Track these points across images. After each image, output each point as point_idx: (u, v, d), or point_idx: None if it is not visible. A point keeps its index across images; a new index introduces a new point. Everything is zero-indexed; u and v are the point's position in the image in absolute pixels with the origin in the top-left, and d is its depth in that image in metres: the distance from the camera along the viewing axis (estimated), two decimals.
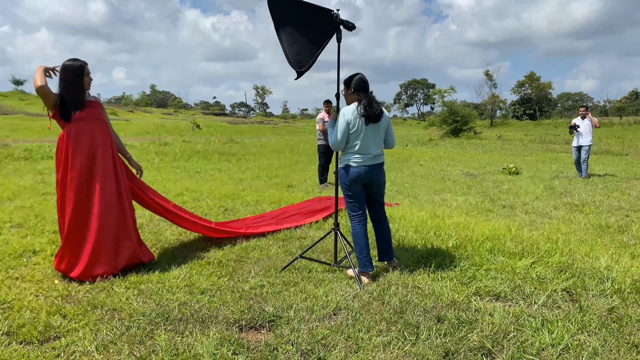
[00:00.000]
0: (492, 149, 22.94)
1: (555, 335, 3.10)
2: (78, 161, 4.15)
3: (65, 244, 4.16)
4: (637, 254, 4.98)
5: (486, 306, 3.57)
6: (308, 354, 2.88)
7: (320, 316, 3.40)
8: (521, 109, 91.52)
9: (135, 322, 3.27)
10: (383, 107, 4.23)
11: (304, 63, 4.01)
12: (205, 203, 7.52)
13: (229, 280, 4.12)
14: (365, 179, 4.19)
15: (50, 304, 3.57)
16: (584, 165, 12.01)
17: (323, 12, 4.06)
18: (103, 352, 2.88)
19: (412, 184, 10.42)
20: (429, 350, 2.88)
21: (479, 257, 4.60)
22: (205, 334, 3.10)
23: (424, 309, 3.48)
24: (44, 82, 4.02)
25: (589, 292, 3.84)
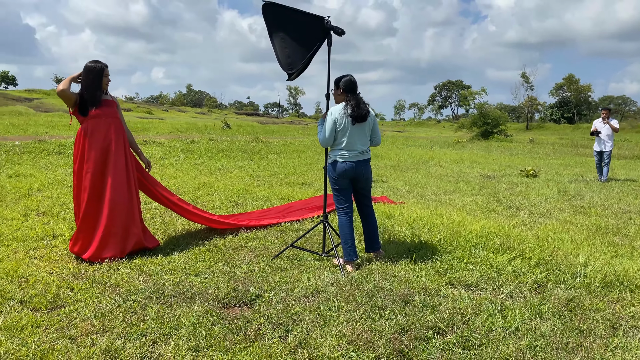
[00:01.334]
0: (519, 152, 22.78)
1: (508, 319, 3.35)
2: (93, 154, 4.59)
3: (80, 228, 4.61)
4: (620, 253, 5.14)
5: (454, 293, 3.84)
6: (278, 326, 3.21)
7: (298, 297, 3.73)
8: (559, 112, 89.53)
9: (132, 296, 3.67)
10: (370, 108, 4.53)
11: (295, 66, 4.35)
12: (218, 197, 7.94)
13: (224, 265, 4.49)
14: (352, 174, 4.50)
15: (61, 280, 4.01)
16: (605, 169, 11.96)
17: (315, 19, 4.39)
18: (100, 318, 3.28)
19: (424, 184, 10.62)
20: (386, 327, 3.18)
21: (462, 252, 4.85)
22: (191, 307, 3.47)
23: (394, 294, 3.77)
24: (65, 86, 4.50)
25: (558, 284, 4.06)
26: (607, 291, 3.96)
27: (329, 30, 4.40)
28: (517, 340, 3.06)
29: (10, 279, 3.98)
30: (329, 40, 4.45)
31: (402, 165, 14.77)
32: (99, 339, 2.97)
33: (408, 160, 16.74)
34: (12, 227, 5.66)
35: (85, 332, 3.07)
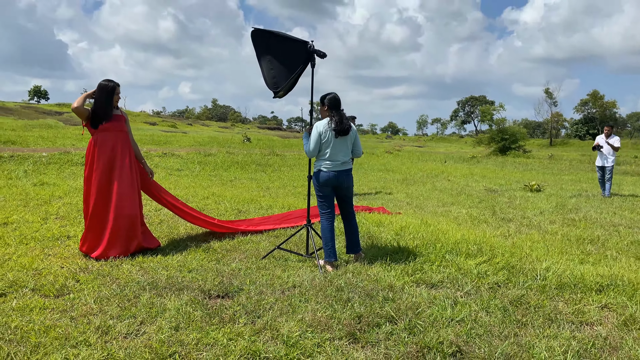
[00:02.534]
0: (533, 168, 22.90)
1: (456, 311, 3.75)
2: (101, 163, 5.15)
3: (88, 229, 5.15)
4: (588, 260, 5.46)
5: (416, 290, 4.24)
6: (250, 313, 3.67)
7: (275, 290, 4.18)
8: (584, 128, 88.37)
9: (129, 286, 4.18)
10: (351, 123, 5.00)
11: (280, 85, 4.85)
12: (223, 205, 8.46)
13: (216, 264, 4.98)
14: (334, 182, 4.96)
15: (69, 273, 4.54)
16: (608, 184, 12.15)
17: (299, 43, 4.89)
18: (98, 303, 3.78)
19: (426, 197, 11.00)
20: (345, 315, 3.61)
21: (435, 256, 5.24)
22: (179, 297, 3.95)
23: (361, 289, 4.19)
24: (79, 104, 5.08)
25: (516, 285, 4.43)
26: (559, 291, 4.31)
27: (312, 53, 4.90)
28: (458, 329, 3.46)
29: (25, 271, 4.53)
30: (312, 62, 4.95)
31: (409, 179, 15.15)
32: (95, 319, 3.47)
33: (418, 174, 17.09)
34: (32, 228, 6.25)
35: (84, 314, 3.57)
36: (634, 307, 3.94)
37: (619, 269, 5.00)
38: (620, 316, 3.80)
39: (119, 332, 3.29)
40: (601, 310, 3.97)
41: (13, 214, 7.06)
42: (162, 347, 3.06)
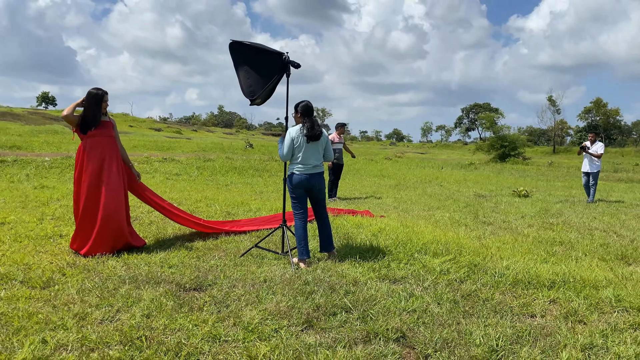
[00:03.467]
0: (529, 175, 23.14)
1: (409, 302, 4.05)
2: (90, 167, 5.49)
3: (78, 228, 5.49)
4: (550, 260, 5.74)
5: (377, 285, 4.55)
6: (219, 303, 3.99)
7: (246, 284, 4.50)
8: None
9: (110, 280, 4.50)
10: (323, 129, 5.33)
11: (256, 93, 5.19)
12: (214, 208, 8.80)
13: (196, 261, 5.30)
14: (306, 185, 5.28)
15: (57, 267, 4.88)
16: (592, 189, 12.40)
17: (275, 55, 5.23)
18: (79, 294, 4.11)
19: (414, 201, 11.29)
20: (305, 305, 3.92)
21: (404, 254, 5.55)
22: (155, 289, 4.28)
23: (326, 284, 4.50)
24: (69, 112, 5.42)
25: (473, 281, 4.72)
26: (512, 287, 4.61)
27: (287, 64, 5.24)
28: (406, 318, 3.76)
29: (16, 266, 4.86)
30: (288, 72, 5.28)
31: (402, 184, 15.45)
32: (74, 307, 3.79)
33: (412, 180, 17.39)
34: (28, 228, 6.60)
35: (65, 302, 3.90)
36: (578, 301, 4.23)
37: (575, 268, 5.28)
38: (563, 309, 4.09)
39: (95, 319, 3.61)
40: (548, 304, 4.26)
41: (11, 215, 7.41)
42: (131, 331, 3.38)
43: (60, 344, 3.16)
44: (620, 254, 6.35)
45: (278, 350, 3.15)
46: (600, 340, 3.47)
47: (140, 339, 3.26)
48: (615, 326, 3.75)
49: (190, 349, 3.14)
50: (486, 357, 3.17)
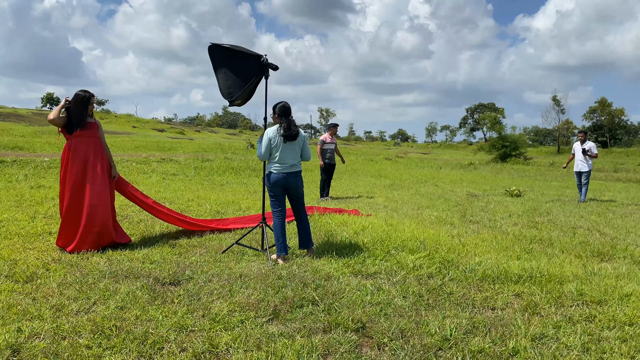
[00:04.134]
0: (528, 175, 23.22)
1: (375, 296, 4.21)
2: (75, 167, 5.68)
3: (63, 225, 5.68)
4: (524, 257, 5.87)
5: (349, 279, 4.70)
6: (192, 296, 4.16)
7: (221, 279, 4.67)
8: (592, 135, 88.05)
9: (91, 275, 4.68)
10: (299, 129, 5.49)
11: (234, 94, 5.36)
12: (204, 207, 8.98)
13: (178, 257, 5.47)
14: (283, 183, 5.44)
15: (42, 263, 5.06)
16: (584, 189, 12.50)
17: (253, 57, 5.40)
18: (60, 287, 4.29)
19: (405, 201, 11.43)
20: (274, 298, 4.09)
21: (380, 251, 5.70)
22: (133, 283, 4.45)
23: (299, 278, 4.66)
24: (54, 116, 5.60)
25: (443, 276, 4.87)
26: (480, 282, 4.75)
27: (265, 66, 5.41)
28: (370, 309, 3.92)
29: (3, 261, 5.05)
30: (266, 74, 5.45)
31: (397, 184, 15.59)
32: (53, 300, 3.97)
33: (408, 180, 17.52)
34: (19, 226, 6.80)
35: (45, 295, 4.08)
36: (540, 295, 4.38)
37: (546, 264, 5.42)
38: (524, 302, 4.23)
39: (71, 310, 3.79)
40: (513, 297, 4.40)
41: (4, 213, 7.62)
42: (103, 321, 3.55)
43: (34, 333, 3.34)
44: (597, 251, 6.47)
45: (240, 339, 3.32)
46: (552, 331, 3.62)
47: (111, 329, 3.43)
48: (570, 318, 3.90)
49: (156, 337, 3.31)
50: (438, 346, 3.33)
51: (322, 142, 11.63)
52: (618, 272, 5.33)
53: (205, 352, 3.15)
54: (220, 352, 3.17)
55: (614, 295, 4.39)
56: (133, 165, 16.68)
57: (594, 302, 4.29)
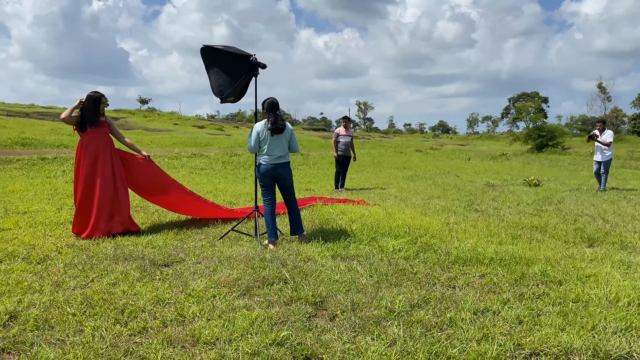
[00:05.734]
0: (559, 165, 22.84)
1: (344, 275, 4.57)
2: (87, 161, 6.25)
3: (77, 215, 6.27)
4: (503, 242, 6.07)
5: (326, 261, 5.07)
6: (178, 275, 4.62)
7: (210, 261, 5.12)
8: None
9: (96, 257, 5.23)
10: (286, 122, 5.88)
11: (225, 92, 5.79)
12: (220, 198, 9.51)
13: (179, 242, 5.97)
14: (271, 174, 5.85)
15: (56, 247, 5.65)
16: (603, 177, 12.40)
17: (243, 57, 5.81)
18: (66, 268, 4.84)
19: (417, 191, 11.65)
20: (254, 277, 4.50)
21: (366, 236, 6.04)
22: (129, 264, 4.96)
23: (280, 260, 5.07)
24: (66, 115, 6.17)
25: (419, 258, 5.17)
26: (451, 264, 5.03)
27: (255, 65, 5.81)
28: (333, 286, 4.28)
29: (24, 246, 5.66)
30: (256, 73, 5.86)
31: (417, 176, 15.76)
32: (56, 277, 4.51)
33: (431, 171, 17.64)
34: (45, 216, 7.47)
35: (50, 274, 4.63)
36: (503, 276, 4.63)
37: (523, 249, 5.63)
38: (486, 282, 4.50)
39: (69, 286, 4.32)
40: (477, 278, 4.67)
41: (35, 205, 8.35)
42: (93, 295, 4.05)
43: (32, 303, 3.86)
44: (588, 237, 6.59)
45: (205, 310, 3.75)
46: (498, 306, 3.89)
47: (98, 301, 3.93)
48: (522, 295, 4.15)
49: (134, 308, 3.79)
50: (383, 317, 3.66)
51: (336, 134, 11.98)
52: (594, 256, 5.49)
53: (173, 320, 3.60)
54: (186, 320, 3.61)
55: (573, 276, 4.59)
56: (165, 160, 17.47)
57: (554, 282, 4.50)
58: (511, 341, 3.25)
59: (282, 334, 3.30)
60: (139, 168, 6.78)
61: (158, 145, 27.03)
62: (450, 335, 3.36)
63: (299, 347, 3.14)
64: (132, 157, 6.72)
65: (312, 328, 3.47)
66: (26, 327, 3.42)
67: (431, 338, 3.29)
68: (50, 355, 2.96)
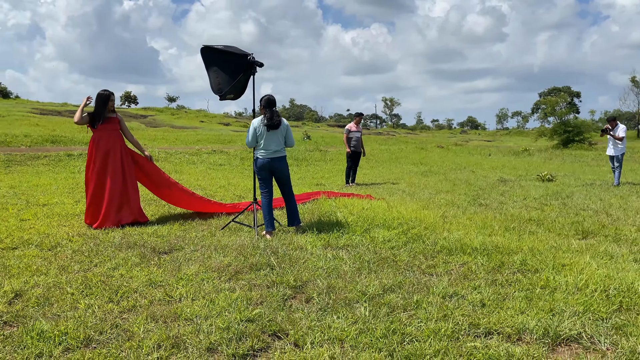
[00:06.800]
0: (582, 160, 22.58)
1: (330, 262, 4.83)
2: (99, 155, 6.66)
3: (88, 207, 6.68)
4: (493, 234, 6.23)
5: (315, 250, 5.33)
6: (174, 261, 4.95)
7: (206, 249, 5.44)
8: None
9: (102, 244, 5.61)
10: (282, 118, 6.16)
11: (223, 89, 6.10)
12: (230, 192, 9.86)
13: (182, 232, 6.32)
14: (268, 167, 6.15)
15: (68, 236, 6.06)
16: (617, 172, 12.33)
17: (241, 56, 6.12)
18: (73, 254, 5.22)
19: (427, 186, 11.81)
20: (239, 263, 4.80)
21: (359, 228, 6.28)
22: (131, 251, 5.31)
23: (272, 249, 5.36)
24: (77, 119, 6.58)
25: (409, 249, 5.40)
26: (436, 253, 5.24)
27: (252, 64, 6.11)
28: (317, 272, 4.54)
29: (39, 234, 6.09)
30: (253, 71, 6.16)
31: (432, 171, 15.87)
32: (63, 262, 4.90)
33: (447, 167, 17.70)
34: (63, 208, 7.93)
35: (58, 259, 5.02)
36: (482, 264, 4.82)
37: (510, 240, 5.79)
38: (465, 269, 4.70)
39: (73, 269, 4.69)
40: (457, 266, 4.87)
41: (55, 198, 8.84)
42: (93, 277, 4.41)
43: (36, 284, 4.24)
44: (583, 230, 6.69)
45: (191, 291, 4.07)
46: (467, 291, 4.09)
47: (96, 283, 4.28)
48: (494, 282, 4.34)
49: (127, 289, 4.12)
50: (355, 299, 3.91)
51: (347, 130, 12.23)
52: (580, 248, 5.61)
53: (160, 300, 3.92)
54: (173, 300, 3.93)
55: (550, 265, 4.75)
56: (185, 157, 17.98)
57: (530, 271, 4.68)
58: (468, 321, 3.46)
59: (255, 312, 3.58)
60: (148, 165, 7.16)
61: (182, 142, 27.66)
62: (412, 315, 3.59)
63: (269, 324, 3.42)
64: (140, 155, 7.10)
65: (285, 308, 3.75)
66: (28, 304, 3.78)
67: (393, 317, 3.53)
68: (45, 327, 3.31)
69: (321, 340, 3.20)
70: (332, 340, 3.19)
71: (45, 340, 3.13)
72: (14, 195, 9.13)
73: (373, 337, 3.22)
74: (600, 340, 3.24)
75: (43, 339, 3.14)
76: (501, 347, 3.10)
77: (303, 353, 3.02)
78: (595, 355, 3.08)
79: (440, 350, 3.05)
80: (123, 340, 3.17)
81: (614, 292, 4.01)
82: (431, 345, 3.10)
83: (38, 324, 3.34)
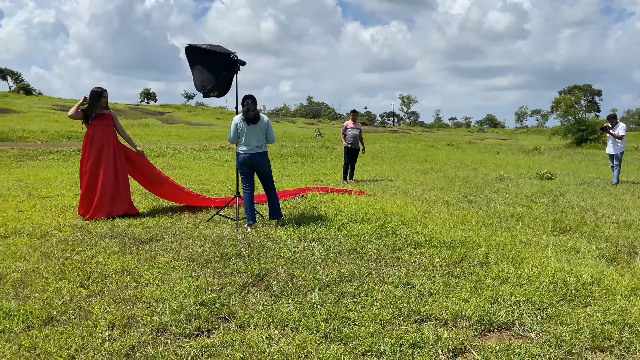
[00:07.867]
0: (590, 159, 22.40)
1: (298, 253, 5.04)
2: (92, 150, 6.96)
3: (82, 199, 7.00)
4: (469, 229, 6.38)
5: (288, 242, 5.55)
6: (151, 250, 5.21)
7: (187, 240, 5.69)
8: None
9: (88, 234, 5.90)
10: (261, 114, 6.38)
11: (207, 87, 6.34)
12: (227, 187, 10.13)
13: (169, 224, 6.59)
14: (249, 162, 6.38)
15: (59, 226, 6.37)
16: (615, 171, 12.32)
17: (224, 55, 6.35)
18: (59, 243, 5.51)
19: (423, 184, 11.94)
20: (212, 253, 5.04)
21: (337, 222, 6.48)
22: (113, 241, 5.59)
23: (248, 240, 5.59)
24: (72, 112, 6.90)
25: (380, 242, 5.58)
26: (405, 246, 5.42)
27: (235, 62, 6.35)
28: (282, 262, 4.76)
29: (31, 224, 6.41)
30: (236, 69, 6.40)
31: (433, 169, 15.96)
32: (47, 250, 5.19)
33: (451, 164, 17.76)
34: (62, 200, 8.27)
35: (45, 248, 5.32)
36: (445, 257, 4.99)
37: (477, 235, 5.94)
38: (426, 262, 4.87)
39: (55, 256, 4.98)
40: (422, 258, 5.04)
41: (56, 191, 9.20)
42: (72, 264, 4.70)
43: (17, 269, 4.54)
44: (560, 227, 6.79)
45: (157, 277, 4.32)
46: (419, 281, 4.27)
47: (71, 269, 4.56)
48: (450, 273, 4.51)
49: (99, 275, 4.39)
50: (311, 286, 4.12)
51: (344, 127, 12.42)
52: (547, 243, 5.73)
53: (127, 285, 4.18)
54: (139, 286, 4.18)
55: (509, 259, 4.90)
56: (193, 152, 18.34)
57: (490, 264, 4.83)
58: (409, 308, 3.65)
59: (210, 297, 3.82)
60: (141, 161, 7.45)
61: (195, 138, 28.12)
62: (359, 302, 3.79)
63: (220, 307, 3.65)
64: (132, 151, 7.39)
65: (242, 294, 3.97)
66: (4, 287, 4.07)
67: (339, 304, 3.73)
68: (12, 306, 3.59)
69: (265, 322, 3.42)
70: (276, 323, 3.40)
71: (10, 318, 3.40)
72: (18, 188, 9.52)
73: (315, 320, 3.43)
74: (531, 328, 3.40)
75: (8, 317, 3.42)
76: (432, 331, 3.28)
77: (244, 333, 3.25)
78: (522, 340, 3.25)
79: (373, 332, 3.25)
80: (82, 319, 3.43)
81: (561, 284, 4.16)
82: (367, 328, 3.30)
83: (7, 304, 3.62)
